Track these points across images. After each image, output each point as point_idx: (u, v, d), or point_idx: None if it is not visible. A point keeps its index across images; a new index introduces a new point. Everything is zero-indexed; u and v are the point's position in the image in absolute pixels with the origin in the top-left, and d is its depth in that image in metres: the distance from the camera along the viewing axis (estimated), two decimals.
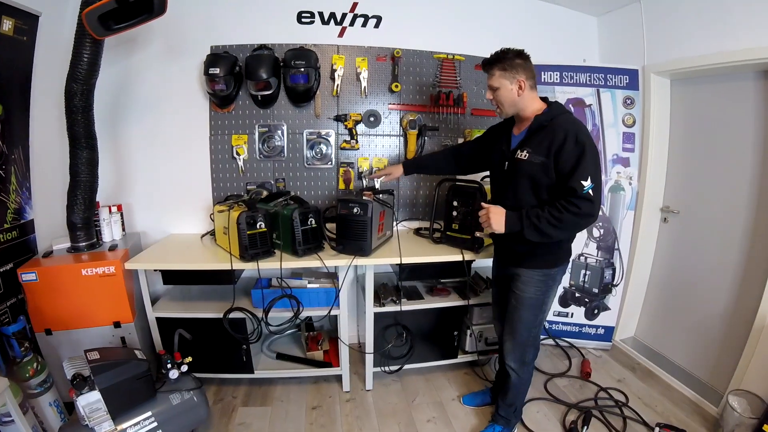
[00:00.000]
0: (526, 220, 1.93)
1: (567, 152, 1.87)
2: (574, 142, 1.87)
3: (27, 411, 2.04)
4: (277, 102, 2.90)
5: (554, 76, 3.04)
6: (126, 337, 2.47)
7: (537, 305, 2.16)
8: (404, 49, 2.93)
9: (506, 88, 2.02)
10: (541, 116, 2.00)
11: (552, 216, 1.88)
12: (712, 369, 2.72)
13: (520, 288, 2.15)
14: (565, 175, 1.88)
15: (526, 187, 2.02)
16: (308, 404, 2.67)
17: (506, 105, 2.06)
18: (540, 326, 2.26)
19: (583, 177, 1.83)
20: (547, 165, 1.92)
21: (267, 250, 2.46)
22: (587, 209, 1.85)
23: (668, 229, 3.05)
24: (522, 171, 2.01)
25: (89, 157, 2.43)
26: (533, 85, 2.05)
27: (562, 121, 1.96)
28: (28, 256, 2.47)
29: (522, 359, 2.24)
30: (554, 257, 2.13)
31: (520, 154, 2.02)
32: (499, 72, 2.01)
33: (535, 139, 1.99)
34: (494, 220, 2.01)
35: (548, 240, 1.97)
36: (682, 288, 2.96)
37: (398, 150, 3.09)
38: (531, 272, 2.12)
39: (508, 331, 2.22)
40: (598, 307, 3.20)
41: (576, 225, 1.95)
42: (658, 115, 2.94)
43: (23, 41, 2.33)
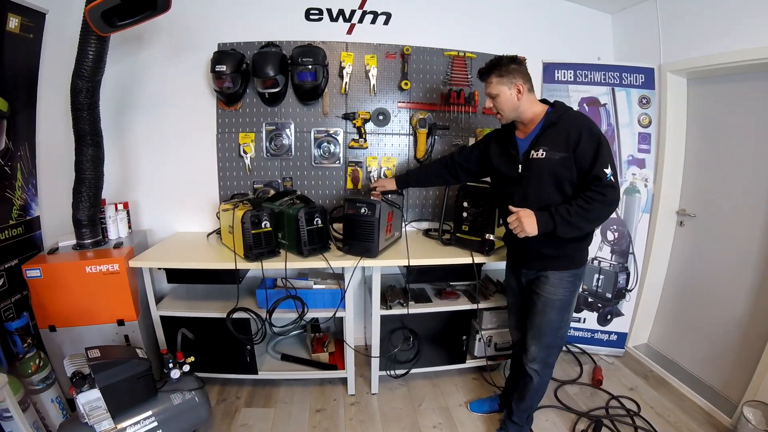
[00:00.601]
0: (557, 217, 1.93)
1: (585, 145, 1.92)
2: (589, 134, 1.93)
3: (28, 407, 2.04)
4: (285, 100, 2.89)
5: (568, 75, 2.99)
6: (129, 335, 2.48)
7: (565, 306, 2.17)
8: (414, 47, 2.90)
9: (505, 94, 2.06)
10: (550, 114, 2.04)
11: (582, 208, 1.91)
12: (726, 378, 2.65)
13: (549, 291, 2.14)
14: (588, 167, 1.92)
15: (548, 184, 2.02)
16: (312, 407, 2.65)
17: (507, 110, 2.10)
18: (566, 327, 2.26)
19: (605, 165, 1.89)
20: (568, 159, 1.95)
21: (272, 249, 2.45)
22: (613, 195, 1.90)
23: (684, 233, 2.98)
24: (542, 170, 2.02)
25: (94, 154, 2.43)
26: (531, 88, 2.10)
27: (571, 117, 2.03)
28: (33, 253, 2.50)
29: (546, 361, 2.23)
30: (581, 255, 2.16)
31: (535, 154, 2.03)
32: (496, 79, 2.06)
33: (548, 136, 2.01)
34: (527, 224, 1.97)
35: (579, 233, 2.00)
36: (697, 294, 2.88)
37: (408, 149, 3.06)
38: (561, 274, 2.12)
39: (534, 335, 2.18)
40: (611, 312, 3.14)
41: (605, 213, 1.98)
42: (674, 115, 2.88)
43: (30, 38, 2.36)
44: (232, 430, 2.44)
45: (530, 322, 2.19)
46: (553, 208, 1.96)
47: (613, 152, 2.93)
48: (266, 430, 2.45)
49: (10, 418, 1.78)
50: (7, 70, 2.26)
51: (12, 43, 2.25)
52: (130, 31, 2.43)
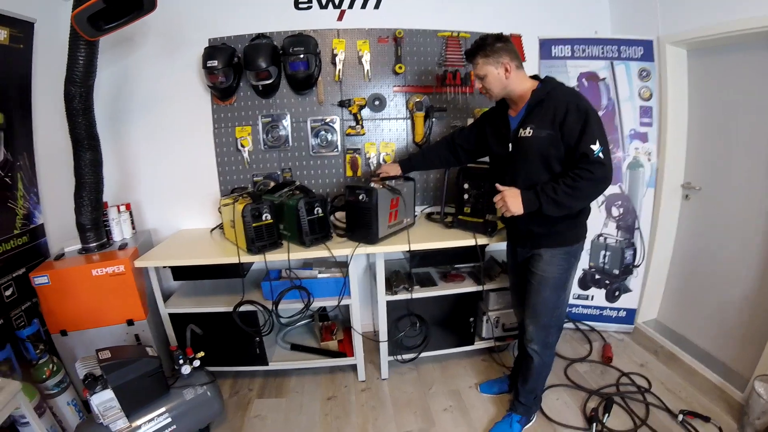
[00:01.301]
0: (543, 195, 1.95)
1: (571, 121, 1.91)
2: (576, 109, 1.91)
3: (44, 411, 2.13)
4: (279, 91, 2.91)
5: (565, 50, 2.96)
6: (140, 334, 2.55)
7: (560, 285, 2.18)
8: (406, 29, 2.89)
9: (493, 74, 2.06)
10: (537, 91, 2.03)
11: (568, 186, 1.91)
12: (737, 353, 2.66)
13: (542, 268, 2.16)
14: (574, 144, 1.91)
15: (536, 163, 2.03)
16: (323, 395, 2.72)
17: (496, 90, 2.10)
18: (564, 306, 2.28)
19: (592, 141, 1.87)
20: (554, 137, 1.95)
21: (274, 241, 2.50)
22: (601, 172, 1.89)
23: (690, 207, 2.96)
24: (530, 148, 2.03)
25: (92, 158, 2.48)
26: (519, 65, 2.09)
27: (559, 93, 2.01)
28: (40, 260, 2.55)
29: (545, 341, 2.24)
30: (574, 233, 2.16)
31: (523, 132, 2.04)
32: (482, 60, 2.06)
33: (535, 114, 2.02)
34: (511, 203, 2.01)
35: (568, 212, 2.00)
36: (705, 268, 2.88)
37: (406, 134, 3.07)
38: (553, 251, 2.13)
39: (531, 314, 2.22)
40: (619, 288, 3.16)
41: (593, 191, 1.97)
42: (675, 87, 2.85)
43: (19, 49, 2.39)
44: (245, 421, 2.51)
45: (527, 302, 2.24)
46: (539, 187, 1.98)
47: (615, 127, 2.98)
48: (279, 420, 2.52)
49: (27, 424, 1.85)
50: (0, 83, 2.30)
51: (2, 55, 2.28)
52: (120, 34, 2.46)
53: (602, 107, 2.95)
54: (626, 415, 2.42)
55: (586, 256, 3.15)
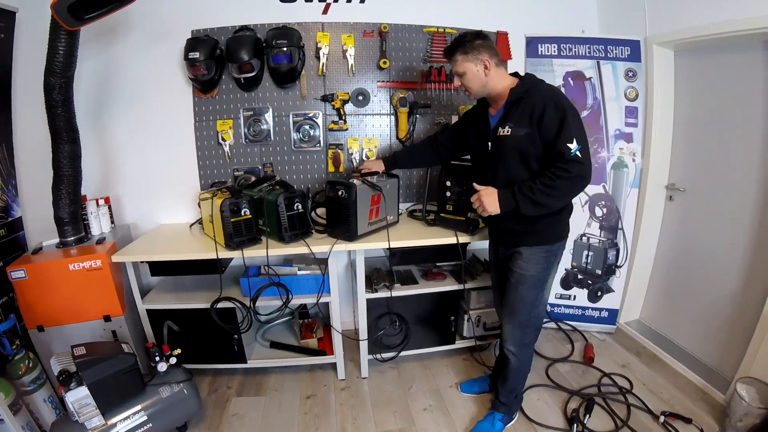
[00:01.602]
0: (519, 195, 1.97)
1: (549, 119, 1.92)
2: (554, 107, 1.92)
3: (20, 408, 2.14)
4: (262, 84, 2.92)
5: (551, 49, 2.99)
6: (117, 330, 2.56)
7: (539, 283, 2.20)
8: (392, 24, 2.91)
9: (472, 71, 2.08)
10: (516, 89, 2.04)
11: (544, 185, 1.92)
12: (720, 354, 2.71)
13: (521, 266, 2.18)
14: (551, 142, 1.92)
15: (515, 161, 2.05)
16: (302, 393, 2.75)
17: (475, 87, 2.12)
18: (542, 306, 2.29)
19: (569, 140, 1.88)
20: (532, 135, 1.96)
21: (253, 237, 2.50)
22: (578, 171, 1.89)
23: (674, 208, 3.01)
24: (508, 147, 2.04)
25: (71, 150, 2.48)
26: (498, 63, 2.10)
27: (538, 90, 2.01)
28: (17, 254, 2.56)
29: (521, 341, 2.27)
30: (554, 232, 2.17)
31: (502, 131, 2.05)
32: (461, 57, 2.08)
33: (514, 112, 2.03)
34: (487, 202, 2.04)
35: (546, 211, 2.01)
36: (688, 269, 2.93)
37: (389, 129, 3.09)
38: (532, 249, 2.15)
39: (508, 312, 2.25)
40: (601, 289, 3.20)
41: (570, 189, 1.99)
42: (661, 88, 2.88)
43: (1, 38, 2.37)
44: (223, 420, 2.53)
45: (505, 300, 2.28)
46: (516, 186, 1.99)
47: (600, 126, 3.01)
48: (257, 419, 2.54)
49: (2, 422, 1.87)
50: None
51: None
52: (103, 24, 2.47)
53: (587, 107, 2.99)
54: (607, 416, 2.46)
55: (569, 256, 3.19)
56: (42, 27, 2.22)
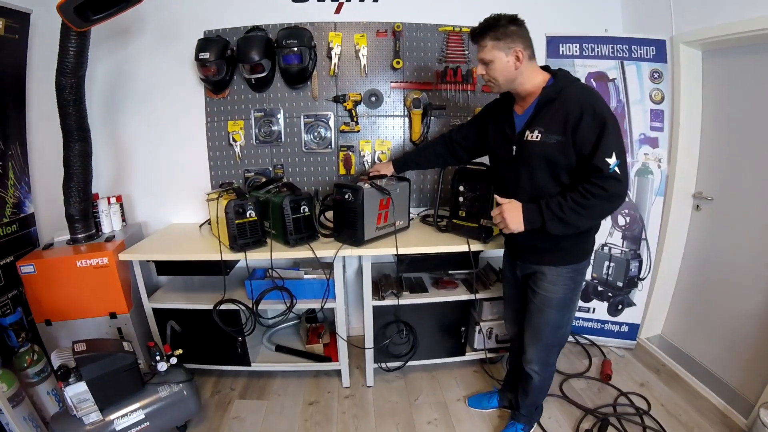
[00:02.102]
0: (547, 212, 1.83)
1: (586, 128, 1.75)
2: (592, 115, 1.74)
3: (23, 399, 2.24)
4: (273, 85, 2.97)
5: (573, 48, 2.93)
6: (122, 327, 2.66)
7: (565, 305, 2.09)
8: (406, 23, 2.92)
9: (501, 61, 1.87)
10: (548, 88, 1.86)
11: (576, 203, 1.77)
12: (743, 375, 2.60)
13: (546, 288, 2.05)
14: (587, 155, 1.76)
15: (543, 171, 1.89)
16: (305, 399, 2.78)
17: (502, 80, 1.92)
18: (568, 326, 2.18)
19: (608, 154, 1.71)
20: (565, 144, 1.80)
21: (258, 239, 2.54)
22: (615, 189, 1.74)
23: (701, 218, 2.91)
24: (535, 155, 1.88)
25: (82, 149, 2.59)
26: (532, 55, 1.91)
27: (573, 92, 1.83)
28: (28, 249, 2.70)
29: (546, 361, 2.20)
30: (582, 249, 2.04)
31: (530, 136, 1.88)
32: (491, 42, 1.86)
33: (545, 115, 1.86)
34: (510, 219, 1.90)
35: (573, 231, 1.88)
36: (714, 284, 2.82)
37: (402, 131, 3.09)
38: (558, 269, 2.02)
39: (532, 335, 2.15)
40: (622, 302, 3.12)
41: (605, 209, 1.86)
42: (688, 90, 2.79)
43: (15, 39, 2.53)
44: (224, 422, 2.58)
45: (527, 321, 2.16)
46: (544, 202, 1.85)
47: (624, 130, 2.91)
48: (258, 423, 2.58)
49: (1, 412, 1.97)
50: None
51: None
52: (117, 25, 2.63)
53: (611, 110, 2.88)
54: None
55: (590, 267, 3.06)
56: (55, 28, 2.34)
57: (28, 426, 2.19)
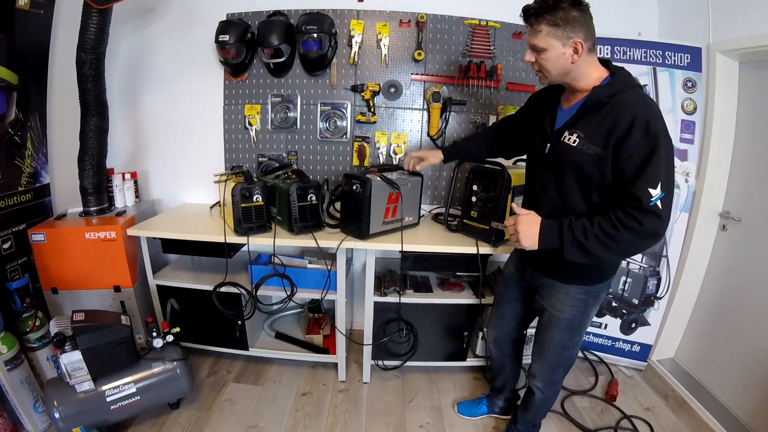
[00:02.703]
0: (567, 234, 1.65)
1: (633, 145, 1.53)
2: (644, 132, 1.52)
3: (21, 363, 2.34)
4: (292, 71, 3.02)
5: (605, 51, 2.85)
6: (125, 301, 2.77)
7: (573, 327, 1.96)
8: (431, 14, 2.91)
9: (556, 51, 1.64)
10: (600, 89, 1.65)
11: (604, 232, 1.58)
12: (755, 410, 2.48)
13: (553, 305, 1.94)
14: (628, 178, 1.56)
15: (571, 183, 1.73)
16: (299, 389, 2.83)
17: (554, 72, 1.70)
18: (576, 347, 2.07)
19: (652, 183, 1.50)
20: (603, 158, 1.60)
21: (262, 224, 2.59)
22: (652, 227, 1.53)
23: (726, 239, 2.78)
24: (567, 161, 1.71)
25: (98, 124, 2.71)
26: (592, 47, 1.68)
27: (628, 99, 1.60)
28: (41, 218, 2.83)
29: (550, 379, 2.12)
30: (599, 272, 1.87)
31: (567, 137, 1.71)
32: (547, 28, 1.61)
33: (589, 120, 1.67)
34: (524, 234, 1.74)
35: (594, 262, 1.73)
36: (735, 311, 2.69)
37: (421, 125, 3.09)
38: (569, 288, 1.89)
39: (537, 350, 2.10)
40: (636, 320, 3.03)
41: (634, 246, 1.65)
42: (723, 102, 2.67)
43: (40, 14, 2.66)
44: (215, 403, 2.67)
45: (535, 336, 2.12)
46: (567, 222, 1.67)
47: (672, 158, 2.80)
48: (249, 407, 2.65)
49: None
50: (18, 45, 2.56)
51: (22, 19, 2.55)
52: (142, 4, 2.79)
53: None
54: None
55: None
56: (80, 5, 2.43)
57: (25, 388, 2.30)
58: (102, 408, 2.22)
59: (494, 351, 2.43)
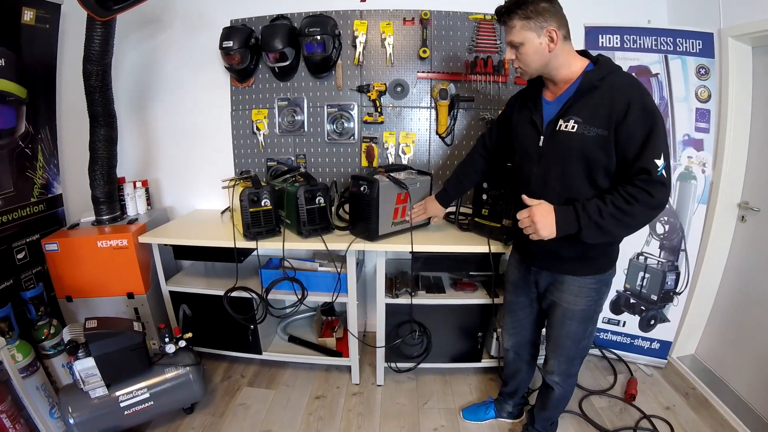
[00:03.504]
0: (584, 217, 1.69)
1: (633, 124, 1.62)
2: (641, 109, 1.62)
3: (37, 369, 2.42)
4: (297, 74, 3.07)
5: (614, 40, 2.82)
6: (139, 308, 2.84)
7: (588, 317, 2.01)
8: (435, 11, 2.93)
9: (533, 44, 1.72)
10: (591, 74, 1.71)
11: (618, 209, 1.64)
12: None
13: (568, 300, 1.97)
14: (633, 155, 1.63)
15: (577, 170, 1.75)
16: (313, 393, 2.86)
17: (534, 65, 1.77)
18: (591, 337, 2.11)
19: (656, 155, 1.59)
20: (607, 140, 1.66)
21: (271, 229, 2.63)
22: (662, 196, 1.62)
23: (746, 230, 2.73)
24: (571, 149, 1.74)
25: (107, 134, 2.80)
26: (567, 35, 1.76)
27: (619, 80, 1.69)
28: (55, 228, 2.92)
29: (567, 372, 2.13)
30: (608, 258, 1.95)
31: (564, 125, 1.75)
32: (520, 22, 1.70)
33: (585, 104, 1.71)
34: (542, 224, 1.75)
35: (609, 240, 1.79)
36: (757, 304, 2.63)
37: (429, 124, 3.10)
38: (582, 280, 1.92)
39: (553, 347, 2.10)
40: (655, 317, 2.99)
41: (646, 218, 1.72)
42: (737, 88, 2.63)
43: (45, 29, 2.75)
44: (229, 408, 2.71)
45: (548, 332, 2.12)
46: (580, 205, 1.71)
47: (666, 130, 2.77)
48: (262, 411, 2.69)
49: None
50: (25, 60, 2.66)
51: (28, 34, 2.65)
52: (149, 14, 2.88)
53: None
54: None
55: (623, 276, 3.01)
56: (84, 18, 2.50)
57: (41, 395, 2.38)
58: (116, 413, 2.29)
59: (512, 357, 2.42)
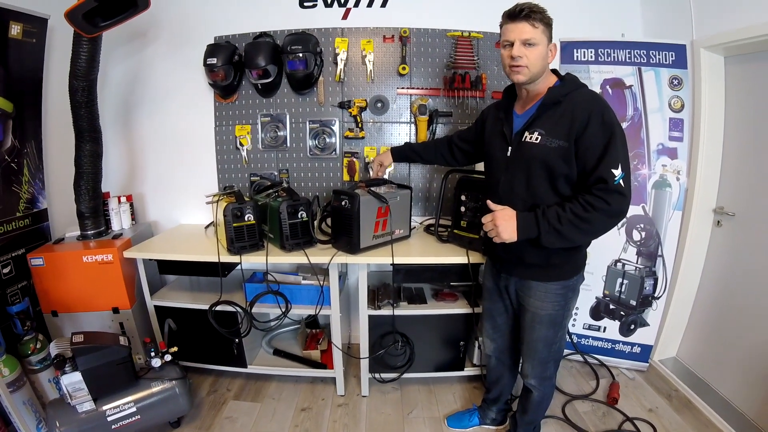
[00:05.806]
0: (543, 223, 1.83)
1: (592, 136, 1.77)
2: (600, 122, 1.77)
3: (23, 385, 2.49)
4: (279, 90, 3.20)
5: (588, 54, 2.98)
6: (124, 322, 2.91)
7: (556, 321, 2.12)
8: (414, 29, 3.07)
9: (543, 49, 1.88)
10: (555, 89, 1.89)
11: (576, 216, 1.78)
12: (760, 405, 2.54)
13: (535, 305, 2.10)
14: (592, 165, 1.78)
15: (540, 178, 1.91)
16: (298, 405, 2.94)
17: (534, 69, 1.89)
18: (562, 340, 2.24)
19: (614, 164, 1.73)
20: (567, 151, 1.82)
21: (254, 243, 2.72)
22: (618, 205, 1.76)
23: (722, 235, 2.87)
24: (534, 159, 1.89)
25: (92, 149, 2.89)
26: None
27: (581, 97, 1.86)
28: (40, 243, 2.99)
29: (542, 375, 2.24)
30: (573, 265, 2.07)
31: (529, 137, 1.91)
32: (542, 26, 1.85)
33: (548, 118, 1.88)
34: (503, 228, 1.88)
35: (569, 245, 1.90)
36: (735, 306, 2.77)
37: (409, 138, 3.25)
38: (547, 286, 2.05)
39: (526, 351, 2.23)
40: (635, 322, 3.11)
41: (605, 225, 1.84)
42: (710, 98, 2.77)
43: (32, 43, 2.83)
44: (215, 421, 2.78)
45: (521, 336, 2.23)
46: (540, 211, 1.85)
47: (641, 140, 2.97)
48: (248, 424, 2.76)
49: None
50: (12, 74, 2.73)
51: (15, 48, 2.72)
52: (134, 29, 2.96)
53: (627, 118, 2.95)
54: None
55: (602, 283, 3.13)
56: (72, 33, 2.60)
57: (28, 410, 2.45)
58: (103, 428, 2.36)
59: (494, 363, 2.53)
